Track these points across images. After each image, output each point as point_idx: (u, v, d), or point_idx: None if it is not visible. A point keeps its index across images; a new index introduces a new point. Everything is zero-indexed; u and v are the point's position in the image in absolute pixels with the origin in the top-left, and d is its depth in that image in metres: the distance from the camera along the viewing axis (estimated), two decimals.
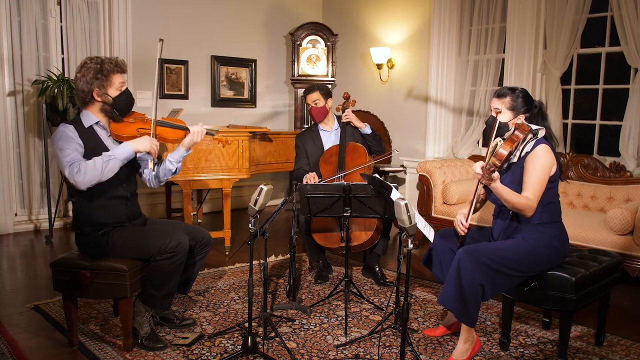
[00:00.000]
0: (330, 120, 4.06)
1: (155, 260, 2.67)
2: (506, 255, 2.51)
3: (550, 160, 2.57)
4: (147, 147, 2.66)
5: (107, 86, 2.65)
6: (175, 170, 2.90)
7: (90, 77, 2.62)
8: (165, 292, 2.77)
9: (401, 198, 2.35)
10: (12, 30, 5.08)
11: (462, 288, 2.45)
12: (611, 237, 3.77)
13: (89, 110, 2.71)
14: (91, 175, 2.52)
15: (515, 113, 2.72)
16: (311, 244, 3.81)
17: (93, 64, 2.64)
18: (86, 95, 2.65)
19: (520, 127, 2.51)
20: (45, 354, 2.71)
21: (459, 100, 5.70)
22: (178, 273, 2.76)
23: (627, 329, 3.12)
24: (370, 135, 3.97)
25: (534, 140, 2.61)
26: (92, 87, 2.63)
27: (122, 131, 2.70)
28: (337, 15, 6.97)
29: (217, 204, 6.35)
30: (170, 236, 2.67)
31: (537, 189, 2.54)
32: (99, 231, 2.70)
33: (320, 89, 3.97)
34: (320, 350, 2.79)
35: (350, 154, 3.84)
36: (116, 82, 2.67)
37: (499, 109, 2.73)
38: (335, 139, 4.00)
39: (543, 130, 2.62)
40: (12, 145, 5.15)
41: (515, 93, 2.72)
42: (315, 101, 3.94)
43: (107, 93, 2.66)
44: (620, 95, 4.65)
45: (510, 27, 5.12)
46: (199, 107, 6.28)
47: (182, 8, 6.03)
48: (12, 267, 4.21)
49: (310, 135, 4.05)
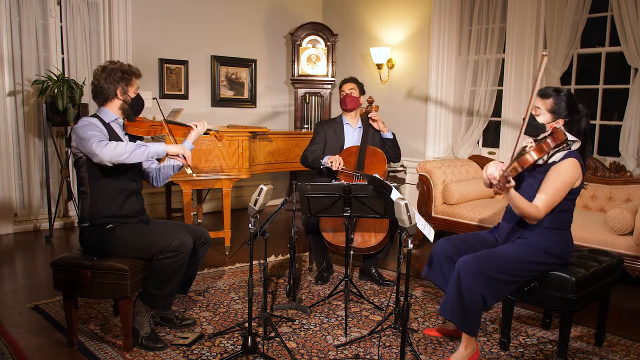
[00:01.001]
0: (357, 117, 4.05)
1: (157, 259, 2.68)
2: (506, 263, 2.50)
3: (573, 176, 2.50)
4: (179, 151, 2.79)
5: (129, 86, 2.85)
6: (181, 165, 2.98)
7: (117, 76, 2.79)
8: (166, 292, 2.77)
9: (401, 198, 2.35)
10: (12, 30, 5.07)
11: (462, 299, 2.44)
12: (611, 237, 3.77)
13: (108, 108, 2.84)
14: (120, 151, 2.58)
15: (555, 117, 2.57)
16: (317, 244, 3.79)
17: (118, 66, 2.83)
18: (110, 92, 2.81)
19: (555, 134, 2.40)
20: (45, 354, 2.71)
21: (459, 100, 5.70)
22: (180, 273, 2.77)
23: (627, 329, 3.13)
24: (390, 140, 3.97)
25: (565, 151, 2.52)
26: (117, 85, 2.80)
27: (138, 126, 2.89)
28: (337, 15, 6.97)
29: (217, 204, 6.35)
30: (174, 235, 2.71)
31: (550, 201, 2.49)
32: (107, 225, 2.73)
33: (358, 82, 4.02)
34: (320, 350, 2.79)
35: (370, 157, 3.83)
36: (135, 85, 2.89)
37: (539, 109, 2.60)
38: (357, 137, 3.99)
39: (578, 143, 2.54)
40: (12, 145, 5.15)
41: (560, 96, 2.58)
42: (352, 90, 3.95)
43: (128, 93, 2.84)
44: (620, 95, 4.65)
45: (510, 27, 5.12)
46: (199, 107, 6.28)
47: (182, 8, 6.04)
48: (12, 267, 4.21)
49: (334, 126, 4.03)
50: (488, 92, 5.43)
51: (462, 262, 2.49)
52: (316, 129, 4.09)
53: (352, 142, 3.98)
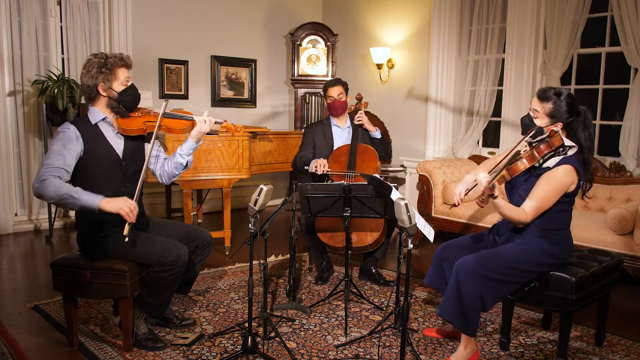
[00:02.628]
0: (345, 117, 4.06)
1: (154, 271, 2.65)
2: (505, 263, 2.49)
3: (566, 183, 2.46)
4: (115, 208, 2.43)
5: (112, 80, 2.61)
6: (186, 164, 2.83)
7: (94, 71, 2.58)
8: (160, 301, 2.75)
9: (401, 198, 2.35)
10: (12, 30, 5.07)
11: (461, 300, 2.44)
12: (611, 237, 3.77)
13: (96, 107, 2.67)
14: (50, 193, 2.41)
15: (554, 120, 2.50)
16: (316, 243, 3.79)
17: (97, 58, 2.61)
18: (91, 90, 2.62)
19: (551, 139, 2.36)
20: (45, 354, 2.71)
21: (459, 100, 5.70)
22: (175, 284, 2.74)
23: (627, 329, 3.12)
24: (379, 140, 3.96)
25: (560, 156, 2.48)
26: (96, 81, 2.59)
27: (129, 125, 2.67)
28: (337, 15, 6.97)
29: (217, 204, 6.35)
30: (170, 249, 2.64)
31: (537, 207, 2.47)
32: (100, 233, 2.66)
33: (343, 83, 3.98)
34: (320, 350, 2.79)
35: (361, 155, 3.83)
36: (121, 76, 2.63)
37: (537, 111, 2.52)
38: (347, 137, 3.99)
39: (575, 149, 2.48)
40: (12, 145, 5.15)
41: (560, 99, 2.48)
42: (340, 95, 3.92)
43: (112, 88, 2.62)
44: (620, 95, 4.64)
45: (510, 27, 5.12)
46: (199, 107, 6.27)
47: (182, 8, 6.03)
48: (12, 267, 4.21)
49: (322, 128, 4.03)
50: (488, 92, 5.43)
51: (460, 262, 2.48)
52: (305, 133, 4.07)
53: (341, 142, 3.98)
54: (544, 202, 2.47)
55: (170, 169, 2.84)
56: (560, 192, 2.48)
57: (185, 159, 2.81)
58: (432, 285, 2.82)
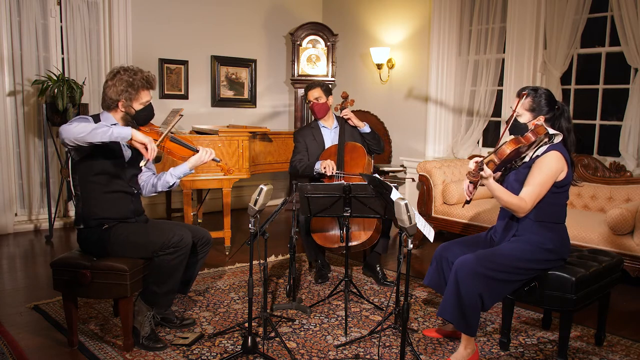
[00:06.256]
0: (330, 118, 4.08)
1: (158, 256, 2.68)
2: (503, 262, 2.50)
3: (557, 167, 2.54)
4: (144, 140, 2.52)
5: (134, 100, 2.71)
6: (172, 184, 2.93)
7: (121, 88, 2.67)
8: (167, 289, 2.77)
9: (401, 198, 2.35)
10: (12, 30, 5.07)
11: (461, 299, 2.44)
12: (611, 237, 3.77)
13: (111, 114, 2.76)
14: (79, 129, 2.42)
15: (535, 114, 2.63)
16: (310, 243, 3.81)
17: (126, 76, 2.69)
18: (112, 102, 2.72)
19: (535, 129, 2.46)
20: (45, 354, 2.71)
21: (459, 100, 5.70)
22: (180, 269, 2.77)
23: (627, 329, 3.13)
24: (369, 134, 3.98)
25: (547, 145, 2.57)
26: (120, 97, 2.69)
27: None
28: (337, 15, 6.97)
29: (217, 204, 6.35)
30: (174, 231, 2.70)
31: (534, 192, 2.52)
32: (103, 226, 2.71)
33: (321, 85, 4.00)
34: (320, 350, 2.79)
35: (350, 154, 3.85)
36: (143, 98, 2.74)
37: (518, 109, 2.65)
38: (335, 137, 4.01)
39: (560, 136, 2.59)
40: (12, 145, 5.15)
41: (538, 93, 2.63)
42: (317, 98, 3.96)
43: (132, 106, 2.72)
44: (620, 95, 4.64)
45: (510, 27, 5.12)
46: (199, 107, 6.28)
47: (182, 8, 6.03)
48: (12, 267, 4.21)
49: (311, 131, 4.06)
50: (488, 92, 5.43)
51: (459, 262, 2.49)
52: (295, 137, 4.09)
53: (332, 143, 4.00)
54: (541, 187, 2.53)
55: (155, 184, 2.94)
56: (553, 177, 2.55)
57: (173, 180, 2.93)
58: (431, 286, 2.83)
